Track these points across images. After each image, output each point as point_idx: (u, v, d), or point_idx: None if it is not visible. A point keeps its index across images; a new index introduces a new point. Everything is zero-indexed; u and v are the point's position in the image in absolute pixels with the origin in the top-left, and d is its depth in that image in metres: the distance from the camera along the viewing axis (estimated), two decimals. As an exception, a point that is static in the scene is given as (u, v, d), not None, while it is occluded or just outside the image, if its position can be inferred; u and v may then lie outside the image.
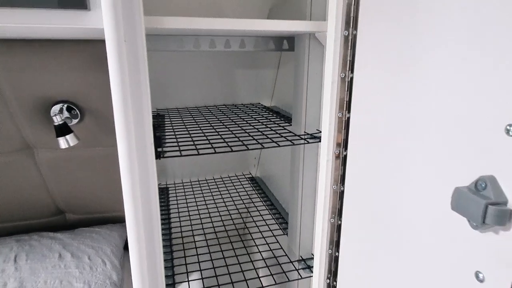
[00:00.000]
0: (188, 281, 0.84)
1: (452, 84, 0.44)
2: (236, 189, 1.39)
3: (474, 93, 0.41)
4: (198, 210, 1.21)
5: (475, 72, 0.41)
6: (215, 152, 0.70)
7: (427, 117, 0.49)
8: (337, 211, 0.77)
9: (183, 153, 0.68)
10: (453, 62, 0.44)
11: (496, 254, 0.39)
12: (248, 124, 0.97)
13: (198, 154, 0.68)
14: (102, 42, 0.82)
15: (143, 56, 0.58)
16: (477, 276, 0.41)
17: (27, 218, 1.13)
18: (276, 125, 0.96)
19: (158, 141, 0.62)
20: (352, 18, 0.66)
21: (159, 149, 0.64)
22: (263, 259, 0.91)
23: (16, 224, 1.13)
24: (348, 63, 0.69)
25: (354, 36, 0.66)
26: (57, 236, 1.08)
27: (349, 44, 0.68)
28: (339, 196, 0.76)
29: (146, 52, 0.58)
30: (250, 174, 1.56)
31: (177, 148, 0.71)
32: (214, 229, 1.07)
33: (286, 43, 0.89)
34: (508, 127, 0.37)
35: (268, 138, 0.80)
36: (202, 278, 0.81)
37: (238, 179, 1.50)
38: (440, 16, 0.46)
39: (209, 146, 0.73)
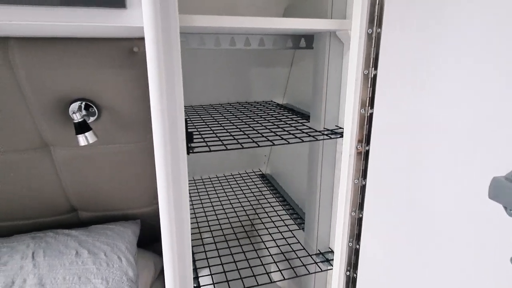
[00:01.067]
0: (211, 274, 0.85)
1: (484, 80, 0.47)
2: (248, 186, 1.40)
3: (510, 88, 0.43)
4: (212, 206, 1.22)
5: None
6: (242, 148, 0.71)
7: (461, 111, 0.51)
8: (358, 205, 0.79)
9: (212, 148, 0.69)
10: (485, 58, 0.46)
11: (532, 240, 0.41)
12: (266, 121, 0.98)
13: (227, 149, 0.70)
14: (120, 40, 0.83)
15: (177, 52, 0.59)
16: (513, 262, 0.43)
17: (41, 216, 1.13)
18: (294, 121, 0.98)
19: (190, 136, 0.64)
20: (376, 16, 0.68)
21: (190, 145, 0.65)
22: (282, 253, 0.93)
23: (29, 222, 1.13)
24: (372, 60, 0.71)
25: (378, 34, 0.68)
26: (72, 233, 1.08)
27: (373, 41, 0.70)
28: (360, 190, 0.78)
29: (180, 49, 0.59)
30: (260, 171, 1.58)
31: (204, 144, 0.72)
32: (231, 225, 1.08)
33: (304, 41, 0.91)
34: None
35: (290, 134, 0.82)
36: (224, 272, 0.83)
37: (248, 176, 1.51)
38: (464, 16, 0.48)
39: (235, 142, 0.74)
